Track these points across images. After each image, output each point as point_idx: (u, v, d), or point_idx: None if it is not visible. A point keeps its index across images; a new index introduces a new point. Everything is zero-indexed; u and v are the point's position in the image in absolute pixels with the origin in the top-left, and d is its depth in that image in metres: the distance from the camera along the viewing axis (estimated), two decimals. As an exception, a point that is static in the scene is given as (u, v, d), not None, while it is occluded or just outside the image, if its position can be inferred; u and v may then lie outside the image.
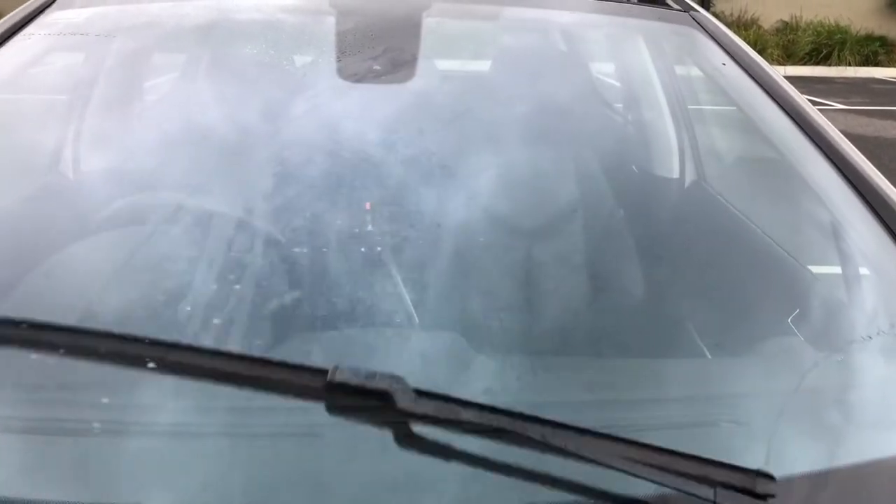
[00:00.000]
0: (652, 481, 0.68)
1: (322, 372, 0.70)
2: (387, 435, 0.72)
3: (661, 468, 0.68)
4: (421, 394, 0.70)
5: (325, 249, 1.18)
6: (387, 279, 1.21)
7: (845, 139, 1.17)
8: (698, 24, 1.47)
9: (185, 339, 0.94)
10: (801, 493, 0.75)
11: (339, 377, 0.70)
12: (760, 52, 14.42)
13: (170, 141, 1.23)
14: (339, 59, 1.27)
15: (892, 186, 1.10)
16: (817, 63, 13.33)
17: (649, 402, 0.96)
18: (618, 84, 2.00)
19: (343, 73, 1.25)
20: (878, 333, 0.99)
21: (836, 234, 1.14)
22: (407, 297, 1.17)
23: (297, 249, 1.15)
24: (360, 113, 1.25)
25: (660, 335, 1.23)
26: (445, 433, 0.71)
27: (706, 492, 0.67)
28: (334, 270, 1.18)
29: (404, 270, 1.20)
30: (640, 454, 0.69)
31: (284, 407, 0.79)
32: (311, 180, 1.18)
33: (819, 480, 0.77)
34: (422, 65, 1.35)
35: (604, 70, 2.02)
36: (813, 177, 1.17)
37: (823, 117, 1.22)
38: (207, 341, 0.95)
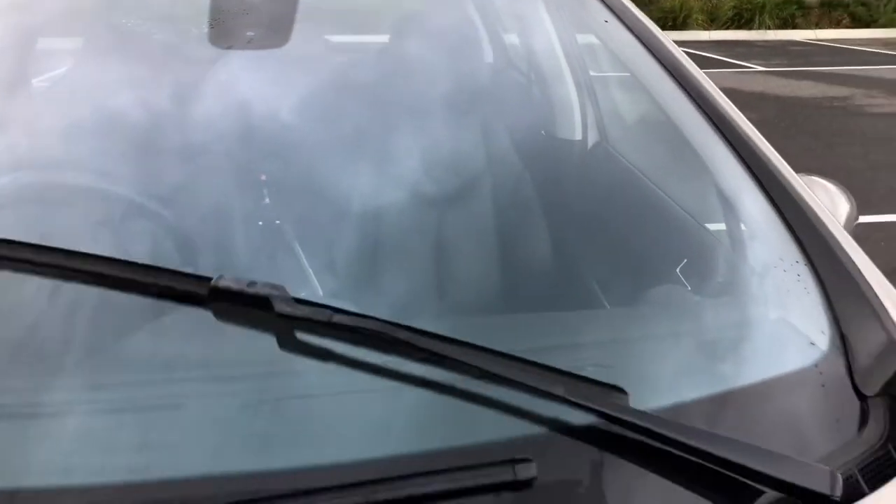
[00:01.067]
0: (509, 384, 0.73)
1: (206, 279, 0.77)
2: (269, 339, 0.78)
3: (524, 374, 0.74)
4: (299, 301, 0.76)
5: (219, 224, 1.17)
6: (288, 252, 1.21)
7: (721, 94, 1.21)
8: None
9: None
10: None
11: (223, 284, 0.76)
12: (685, 18, 14.58)
13: (47, 119, 1.20)
14: (212, 28, 1.25)
15: (765, 141, 1.15)
16: (739, 27, 13.64)
17: (548, 351, 0.99)
18: (521, 49, 2.02)
19: (217, 42, 1.23)
20: (736, 274, 1.05)
21: (717, 191, 1.18)
22: (310, 270, 1.17)
23: (187, 226, 1.14)
24: (249, 85, 1.24)
25: (564, 290, 1.27)
26: (323, 338, 0.78)
27: (559, 390, 0.72)
28: (229, 243, 1.17)
29: (305, 241, 1.20)
30: (507, 364, 0.75)
31: (173, 311, 0.83)
32: (199, 154, 1.17)
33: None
34: (306, 33, 1.34)
35: (506, 36, 2.04)
36: (694, 136, 1.20)
37: (704, 76, 1.26)
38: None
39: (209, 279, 0.77)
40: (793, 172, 1.05)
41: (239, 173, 1.23)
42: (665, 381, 0.87)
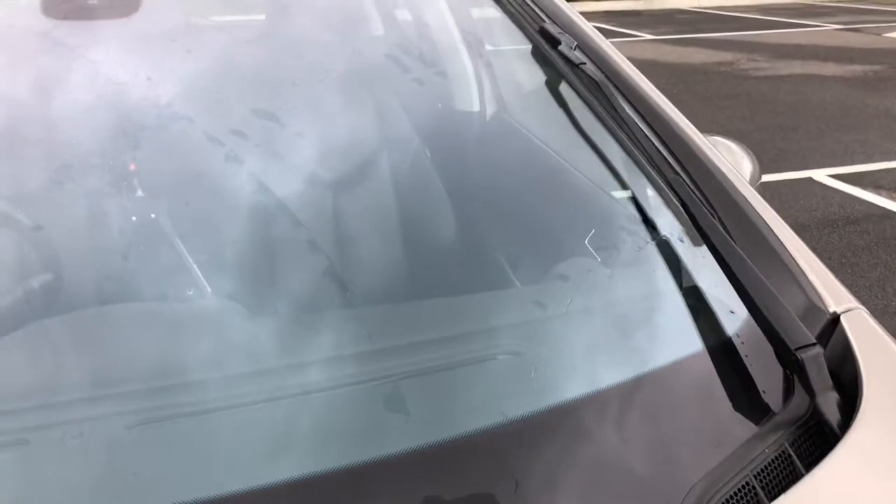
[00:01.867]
0: None
1: None
2: None
3: None
4: None
5: (84, 223, 1.05)
6: (168, 248, 1.09)
7: (623, 57, 1.16)
8: None
9: None
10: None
11: None
12: (573, -10, 14.94)
13: None
14: (47, 11, 1.10)
15: (670, 104, 1.11)
16: (627, -3, 13.96)
17: (456, 338, 0.92)
18: (412, 23, 1.94)
19: (50, 13, 1.08)
20: (647, 244, 1.01)
21: (623, 157, 1.14)
22: (195, 267, 1.06)
23: (52, 231, 1.01)
24: (88, 58, 1.10)
25: (472, 271, 1.20)
26: None
27: None
28: (97, 245, 1.05)
29: (186, 236, 1.08)
30: None
31: None
32: (54, 147, 1.03)
33: None
34: (168, 11, 1.21)
35: (396, 11, 1.95)
36: (597, 100, 1.16)
37: (603, 38, 1.21)
38: None
39: None
40: (699, 133, 1.01)
41: (103, 165, 1.10)
42: (581, 361, 0.82)
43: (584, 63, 1.16)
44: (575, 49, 1.18)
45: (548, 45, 1.24)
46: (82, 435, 0.68)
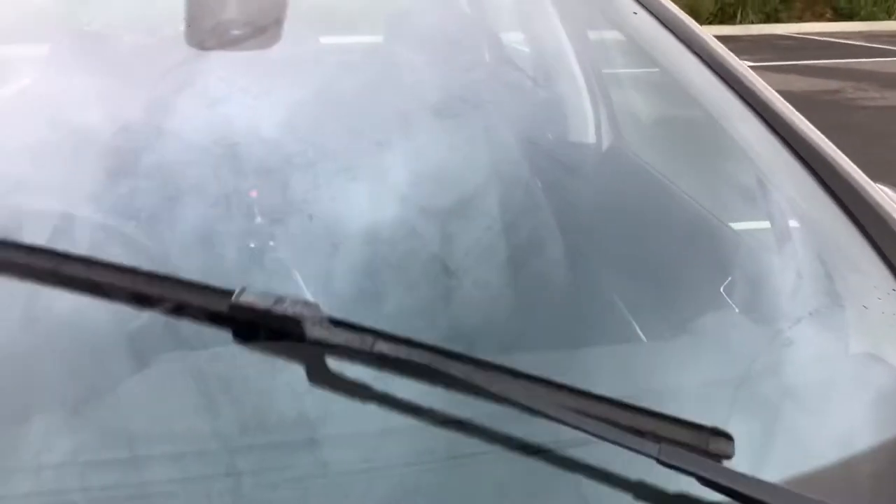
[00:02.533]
0: (591, 433, 0.59)
1: (227, 294, 0.64)
2: (297, 368, 0.68)
3: (604, 420, 0.60)
4: (336, 322, 0.64)
5: (204, 247, 1.04)
6: (284, 276, 1.08)
7: (769, 88, 1.08)
8: None
9: None
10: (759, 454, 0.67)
11: (245, 300, 0.63)
12: (668, 15, 14.90)
13: (12, 136, 1.05)
14: (189, 26, 1.11)
15: (819, 134, 1.02)
16: (723, 22, 13.62)
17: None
18: (526, 49, 1.89)
19: (194, 42, 1.09)
20: (807, 289, 0.91)
21: (763, 188, 1.06)
22: (309, 296, 1.04)
23: (170, 254, 1.00)
24: (237, 92, 1.10)
25: (588, 318, 1.12)
26: (363, 368, 0.66)
27: (650, 447, 0.58)
28: (217, 272, 1.04)
29: (301, 264, 1.07)
30: (582, 403, 0.61)
31: (191, 330, 0.73)
32: (180, 171, 1.03)
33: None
34: (294, 31, 1.20)
35: (511, 35, 1.92)
36: (736, 129, 1.08)
37: (741, 62, 1.13)
38: None
39: (230, 293, 0.64)
40: (868, 180, 0.91)
41: (226, 191, 1.09)
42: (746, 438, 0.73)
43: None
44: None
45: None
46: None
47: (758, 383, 0.79)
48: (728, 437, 0.60)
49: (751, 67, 1.14)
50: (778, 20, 13.95)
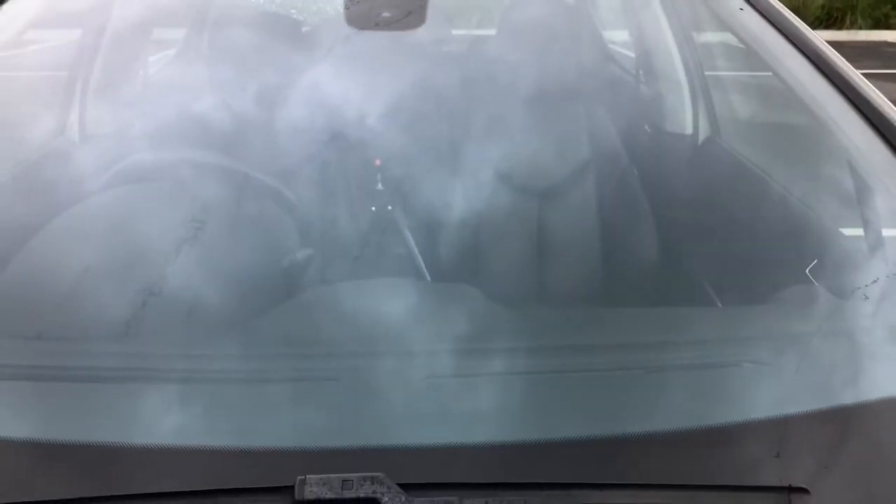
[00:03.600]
0: None
1: (286, 489, 0.61)
2: None
3: None
4: (411, 488, 0.61)
5: (335, 207, 1.18)
6: (398, 237, 1.20)
7: (875, 89, 1.13)
8: None
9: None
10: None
11: (309, 494, 0.59)
12: (770, 17, 14.27)
13: (179, 100, 1.21)
14: (348, 9, 1.25)
15: None
16: (828, 26, 13.13)
17: (664, 346, 0.95)
18: (631, 41, 1.97)
19: (353, 23, 1.22)
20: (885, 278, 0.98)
21: (863, 193, 1.11)
22: (418, 254, 1.16)
23: (310, 204, 1.14)
24: (372, 71, 1.23)
25: (672, 286, 1.22)
26: None
27: None
28: (345, 228, 1.17)
29: (416, 228, 1.19)
30: None
31: None
32: (321, 137, 1.17)
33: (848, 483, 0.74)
34: (432, 17, 1.32)
35: (616, 29, 1.99)
36: (844, 132, 1.13)
37: (849, 65, 1.18)
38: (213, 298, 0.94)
39: (291, 488, 0.61)
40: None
41: (356, 157, 1.23)
42: (797, 383, 0.82)
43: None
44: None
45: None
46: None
47: (821, 343, 0.88)
48: (806, 492, 0.64)
49: None
50: (888, 27, 13.35)
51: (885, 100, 1.09)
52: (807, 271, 1.10)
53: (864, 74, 1.07)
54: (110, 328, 0.86)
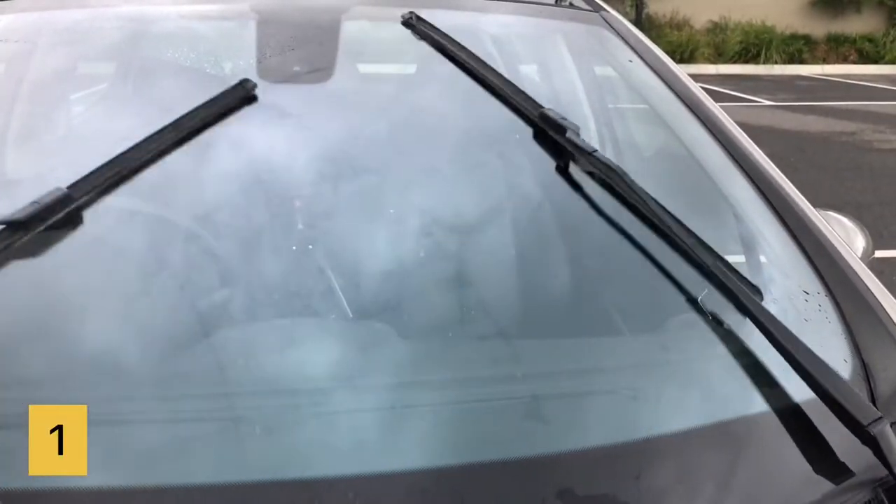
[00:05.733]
0: None
1: None
2: None
3: None
4: None
5: (255, 247, 1.21)
6: (319, 275, 1.25)
7: (743, 133, 1.25)
8: (608, 23, 1.55)
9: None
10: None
11: None
12: (693, 52, 14.68)
13: (97, 149, 1.24)
14: (260, 62, 1.31)
15: (783, 177, 1.19)
16: (746, 61, 13.77)
17: (567, 374, 1.03)
18: (539, 82, 2.07)
19: (265, 76, 1.28)
20: (772, 306, 1.08)
21: (737, 223, 1.21)
22: (339, 292, 1.21)
23: (228, 246, 1.18)
24: (286, 115, 1.29)
25: (584, 318, 1.30)
26: None
27: None
28: (266, 268, 1.21)
29: (335, 267, 1.23)
30: None
31: None
32: (239, 181, 1.21)
33: None
34: (343, 67, 1.39)
35: (526, 69, 2.09)
36: (714, 169, 1.24)
37: (723, 112, 1.30)
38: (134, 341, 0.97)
39: None
40: (810, 206, 1.09)
41: (276, 200, 1.27)
42: (686, 404, 0.90)
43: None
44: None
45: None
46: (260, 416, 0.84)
47: (709, 367, 0.97)
48: None
49: (769, 107, 1.30)
50: (802, 61, 14.07)
51: (755, 148, 1.21)
52: (699, 298, 1.20)
53: (779, 106, 1.17)
54: (25, 373, 0.88)
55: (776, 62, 13.78)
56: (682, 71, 1.35)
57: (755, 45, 13.89)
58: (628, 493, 0.78)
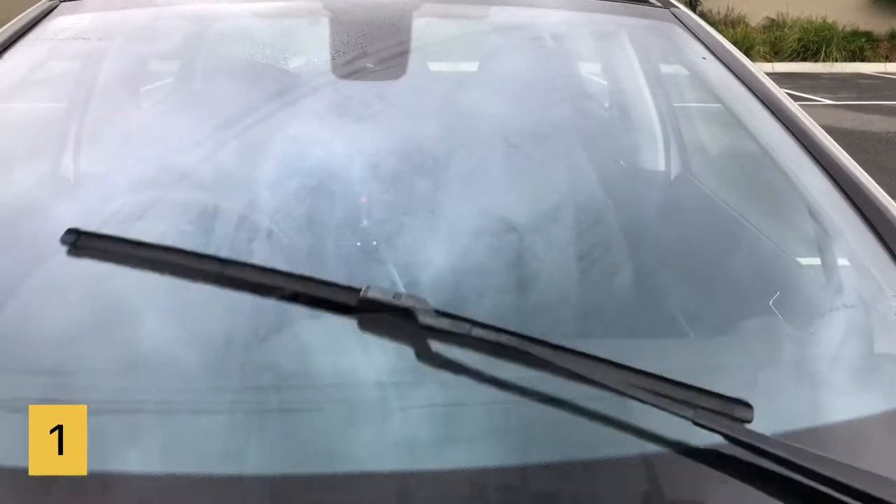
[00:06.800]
0: (642, 401, 0.76)
1: (355, 290, 0.83)
2: (409, 349, 0.84)
3: (651, 391, 0.77)
4: (440, 313, 0.81)
5: (322, 242, 1.22)
6: (382, 271, 1.25)
7: (824, 132, 1.21)
8: (678, 20, 1.52)
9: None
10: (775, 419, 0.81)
11: (371, 294, 0.82)
12: (748, 50, 14.42)
13: (171, 141, 1.26)
14: (334, 59, 1.32)
15: (868, 177, 1.15)
16: (804, 59, 13.43)
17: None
18: (604, 81, 2.04)
19: (339, 73, 1.29)
20: (853, 312, 1.04)
21: (815, 226, 1.18)
22: (401, 287, 1.21)
23: (295, 241, 1.19)
24: (357, 111, 1.29)
25: (645, 318, 1.28)
26: (461, 350, 0.82)
27: (687, 412, 0.75)
28: (331, 263, 1.22)
29: (399, 262, 1.24)
30: (634, 379, 0.78)
31: (321, 318, 0.89)
32: (310, 176, 1.22)
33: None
34: (414, 64, 1.39)
35: (591, 67, 2.07)
36: (793, 170, 1.21)
37: (802, 110, 1.27)
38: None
39: (358, 290, 0.83)
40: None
41: (344, 195, 1.28)
42: (777, 408, 0.88)
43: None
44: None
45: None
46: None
47: (784, 369, 0.94)
48: (748, 406, 0.75)
49: (830, 106, 1.26)
50: (863, 59, 13.67)
51: (837, 147, 1.17)
52: (770, 303, 1.17)
53: (840, 105, 1.14)
54: (110, 364, 0.90)
55: (836, 60, 13.40)
56: (758, 69, 1.31)
57: (814, 43, 13.53)
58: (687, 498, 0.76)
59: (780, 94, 1.25)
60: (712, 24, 13.89)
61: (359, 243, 1.31)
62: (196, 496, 0.73)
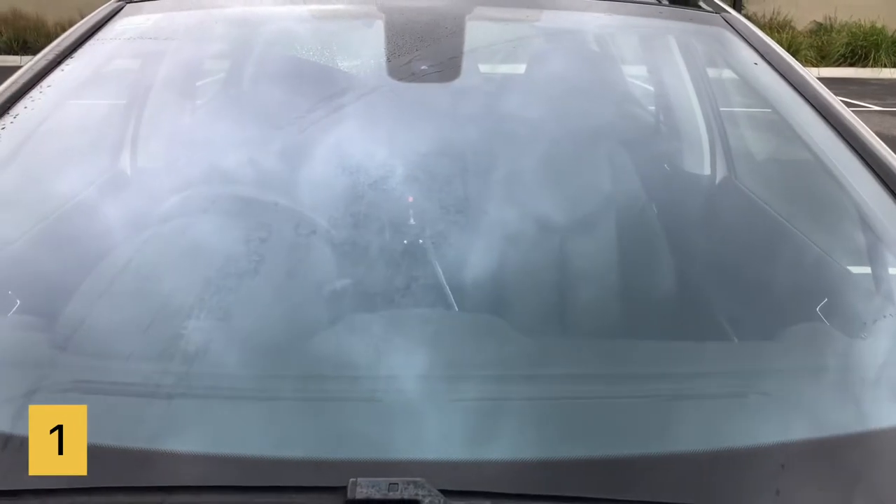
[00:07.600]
0: None
1: (340, 489, 0.69)
2: None
3: None
4: (450, 494, 0.69)
5: (371, 239, 1.25)
6: (427, 268, 1.28)
7: (879, 140, 1.21)
8: (730, 24, 1.52)
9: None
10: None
11: (360, 494, 0.68)
12: (794, 54, 14.10)
13: (228, 137, 1.31)
14: (389, 61, 1.35)
15: None
16: (852, 64, 13.14)
17: (677, 377, 1.02)
18: (650, 84, 2.05)
19: (393, 74, 1.33)
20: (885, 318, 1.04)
21: (866, 233, 1.18)
22: (446, 285, 1.24)
23: (346, 238, 1.22)
24: (409, 111, 1.32)
25: (687, 321, 1.28)
26: None
27: None
28: (380, 260, 1.25)
29: (444, 260, 1.26)
30: None
31: None
32: (363, 175, 1.25)
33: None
34: (466, 66, 1.42)
35: (637, 71, 2.07)
36: (845, 176, 1.20)
37: (855, 117, 1.26)
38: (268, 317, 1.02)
39: (344, 488, 0.69)
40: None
41: (391, 194, 1.31)
42: (805, 414, 0.88)
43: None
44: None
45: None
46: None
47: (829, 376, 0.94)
48: None
49: (878, 112, 1.25)
50: (913, 65, 13.35)
51: (892, 154, 1.17)
52: (817, 309, 1.17)
53: (889, 112, 1.12)
54: (177, 350, 0.95)
55: (885, 65, 13.09)
56: (811, 74, 1.31)
57: (863, 48, 13.23)
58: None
59: (834, 99, 1.25)
60: (757, 27, 13.63)
61: (405, 241, 1.34)
62: None
